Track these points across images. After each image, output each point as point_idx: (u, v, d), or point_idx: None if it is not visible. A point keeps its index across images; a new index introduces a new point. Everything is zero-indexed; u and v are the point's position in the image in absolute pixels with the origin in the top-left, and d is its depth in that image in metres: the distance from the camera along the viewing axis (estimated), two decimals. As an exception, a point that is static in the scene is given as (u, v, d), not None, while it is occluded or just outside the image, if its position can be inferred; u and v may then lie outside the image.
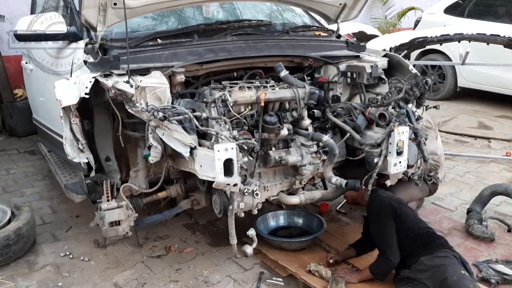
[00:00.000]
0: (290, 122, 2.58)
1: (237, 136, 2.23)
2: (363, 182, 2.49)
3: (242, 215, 2.41)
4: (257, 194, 2.36)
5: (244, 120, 2.36)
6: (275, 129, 2.41)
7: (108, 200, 2.39)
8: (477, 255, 2.80)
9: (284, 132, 2.47)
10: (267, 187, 2.57)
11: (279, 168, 2.63)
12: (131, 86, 2.24)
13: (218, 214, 2.48)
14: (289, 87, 2.54)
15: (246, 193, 2.33)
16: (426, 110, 2.77)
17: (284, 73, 2.57)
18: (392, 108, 2.61)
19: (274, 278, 2.57)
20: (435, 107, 2.94)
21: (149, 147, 2.22)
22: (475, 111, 6.21)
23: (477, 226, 2.99)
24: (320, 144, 2.58)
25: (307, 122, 2.65)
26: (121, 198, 2.41)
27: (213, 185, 2.15)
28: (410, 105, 2.72)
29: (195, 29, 2.89)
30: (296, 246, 2.77)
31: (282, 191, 2.69)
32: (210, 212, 2.58)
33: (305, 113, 2.62)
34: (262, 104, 2.38)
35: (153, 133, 2.17)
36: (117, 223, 2.33)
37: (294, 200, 2.67)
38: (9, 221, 2.81)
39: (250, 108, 2.43)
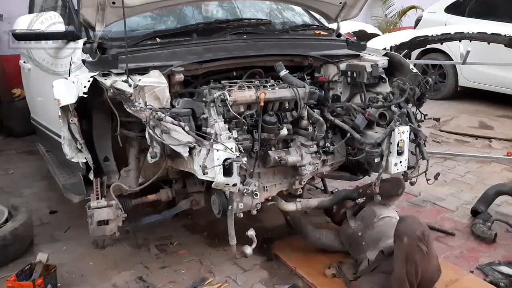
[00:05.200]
0: (290, 122, 2.56)
1: (236, 137, 2.21)
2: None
3: (241, 215, 2.39)
4: (256, 195, 2.34)
5: (243, 120, 2.34)
6: (275, 129, 2.39)
7: (97, 199, 2.37)
8: (478, 255, 2.79)
9: (284, 132, 2.45)
10: (266, 187, 2.54)
11: (278, 168, 2.61)
12: (130, 86, 2.22)
13: (217, 215, 2.46)
14: (289, 87, 2.52)
15: (245, 194, 2.31)
16: (425, 119, 2.76)
17: (283, 72, 2.55)
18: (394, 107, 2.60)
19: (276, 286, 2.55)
20: (436, 120, 2.94)
21: (153, 148, 2.20)
22: (476, 110, 6.19)
23: (479, 225, 2.98)
24: (320, 144, 2.56)
25: (307, 122, 2.63)
26: (111, 197, 2.39)
27: (212, 185, 2.14)
28: (410, 105, 2.72)
29: (194, 28, 2.86)
30: None
31: (282, 191, 2.67)
32: (210, 212, 2.56)
33: (305, 113, 2.59)
34: (262, 103, 2.36)
35: (152, 132, 2.15)
36: (106, 222, 2.31)
37: (291, 207, 2.66)
38: (6, 222, 2.80)
39: (249, 107, 2.41)
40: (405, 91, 2.60)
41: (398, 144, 2.46)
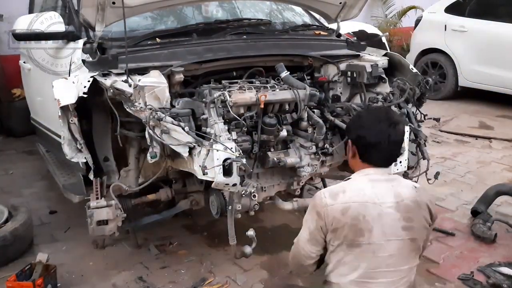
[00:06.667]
0: (290, 123, 2.56)
1: (236, 138, 2.21)
2: None
3: (239, 216, 2.39)
4: (254, 196, 2.33)
5: (243, 122, 2.34)
6: (274, 131, 2.38)
7: (97, 198, 2.37)
8: (478, 256, 2.79)
9: (283, 133, 2.45)
10: (264, 187, 2.54)
11: (277, 169, 2.60)
12: (130, 86, 2.22)
13: (215, 215, 2.46)
14: (290, 88, 2.51)
15: (243, 195, 2.30)
16: (425, 119, 2.75)
17: (285, 74, 2.54)
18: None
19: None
20: (436, 120, 2.93)
21: (153, 147, 2.20)
22: (476, 111, 6.19)
23: (479, 225, 2.98)
24: (319, 145, 2.56)
25: (306, 123, 2.62)
26: (110, 197, 2.39)
27: (212, 185, 2.14)
28: (410, 105, 2.72)
29: (194, 28, 2.87)
30: None
31: (280, 192, 2.67)
32: (210, 212, 2.56)
33: (305, 114, 2.58)
34: (262, 106, 2.35)
35: (152, 132, 2.15)
36: (105, 222, 2.31)
37: (287, 206, 2.66)
38: (6, 222, 2.79)
39: (249, 109, 2.40)
40: (405, 91, 2.60)
41: None
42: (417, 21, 7.17)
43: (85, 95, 2.24)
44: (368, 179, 1.72)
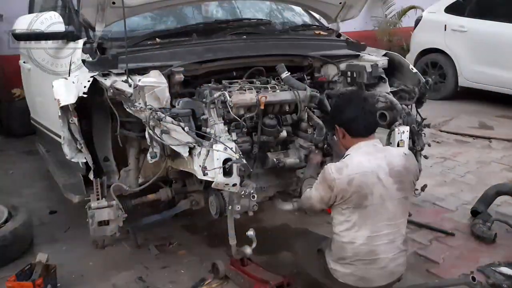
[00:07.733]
0: (290, 124, 2.56)
1: (236, 139, 2.22)
2: None
3: (238, 216, 2.39)
4: (253, 197, 2.33)
5: (243, 122, 2.34)
6: (274, 132, 2.39)
7: (98, 199, 2.37)
8: (478, 256, 2.78)
9: (283, 134, 2.45)
10: (263, 187, 2.54)
11: (276, 169, 2.60)
12: (130, 86, 2.22)
13: (214, 215, 2.46)
14: (290, 89, 2.51)
15: (243, 195, 2.30)
16: (423, 122, 2.76)
17: (285, 74, 2.54)
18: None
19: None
20: (427, 125, 2.93)
21: (153, 147, 2.20)
22: (476, 111, 6.18)
23: (479, 225, 2.98)
24: (319, 145, 2.56)
25: (306, 124, 2.62)
26: (111, 197, 2.39)
27: (212, 185, 2.13)
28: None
29: (194, 28, 2.87)
30: None
31: (279, 192, 2.67)
32: (210, 212, 2.56)
33: (305, 115, 2.58)
34: (262, 107, 2.35)
35: (152, 132, 2.15)
36: (106, 222, 2.31)
37: (287, 207, 2.65)
38: (6, 222, 2.79)
39: (250, 109, 2.40)
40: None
41: (398, 144, 2.46)
42: (417, 21, 7.17)
43: (85, 95, 2.25)
44: (363, 152, 2.06)
